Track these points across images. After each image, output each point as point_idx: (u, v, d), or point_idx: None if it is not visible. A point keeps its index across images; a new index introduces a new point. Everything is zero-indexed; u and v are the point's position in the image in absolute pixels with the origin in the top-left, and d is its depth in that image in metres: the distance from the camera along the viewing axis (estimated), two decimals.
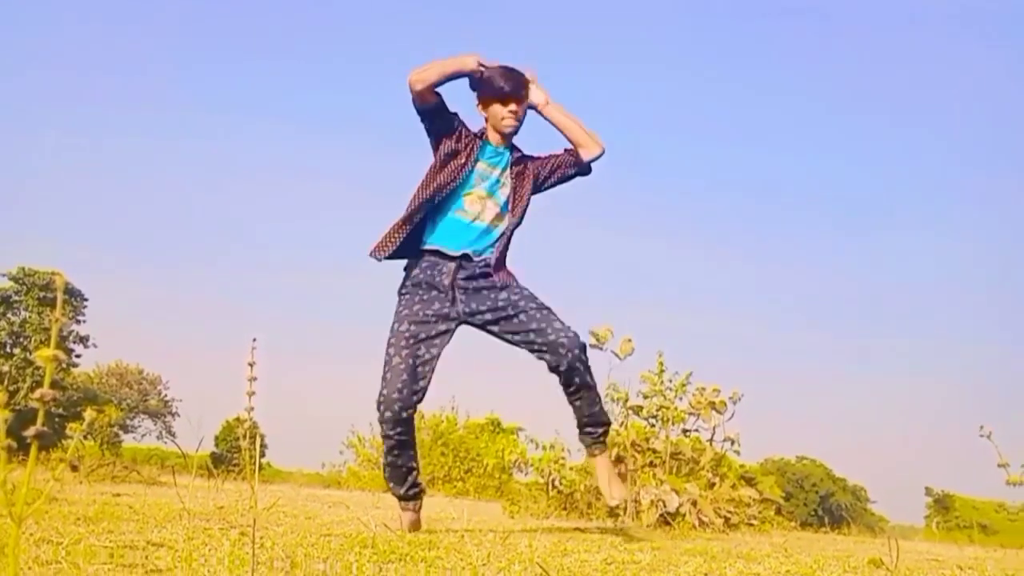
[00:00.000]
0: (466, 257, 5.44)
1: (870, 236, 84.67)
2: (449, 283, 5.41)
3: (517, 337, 5.40)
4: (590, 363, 5.52)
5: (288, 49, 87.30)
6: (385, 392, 5.24)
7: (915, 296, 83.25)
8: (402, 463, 5.44)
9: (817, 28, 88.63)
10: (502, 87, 5.50)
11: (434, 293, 5.42)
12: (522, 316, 5.39)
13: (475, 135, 5.62)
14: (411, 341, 5.34)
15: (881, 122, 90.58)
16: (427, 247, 5.48)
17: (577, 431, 5.74)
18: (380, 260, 5.50)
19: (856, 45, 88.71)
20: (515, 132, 5.63)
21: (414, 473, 5.52)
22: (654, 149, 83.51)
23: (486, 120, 5.63)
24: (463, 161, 5.53)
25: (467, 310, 5.42)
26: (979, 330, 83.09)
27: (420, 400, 5.36)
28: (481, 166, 5.57)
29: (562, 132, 5.71)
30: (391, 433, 5.30)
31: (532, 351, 5.40)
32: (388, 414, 5.23)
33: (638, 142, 79.75)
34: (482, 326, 5.48)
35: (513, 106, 5.52)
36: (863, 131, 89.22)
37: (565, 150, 5.75)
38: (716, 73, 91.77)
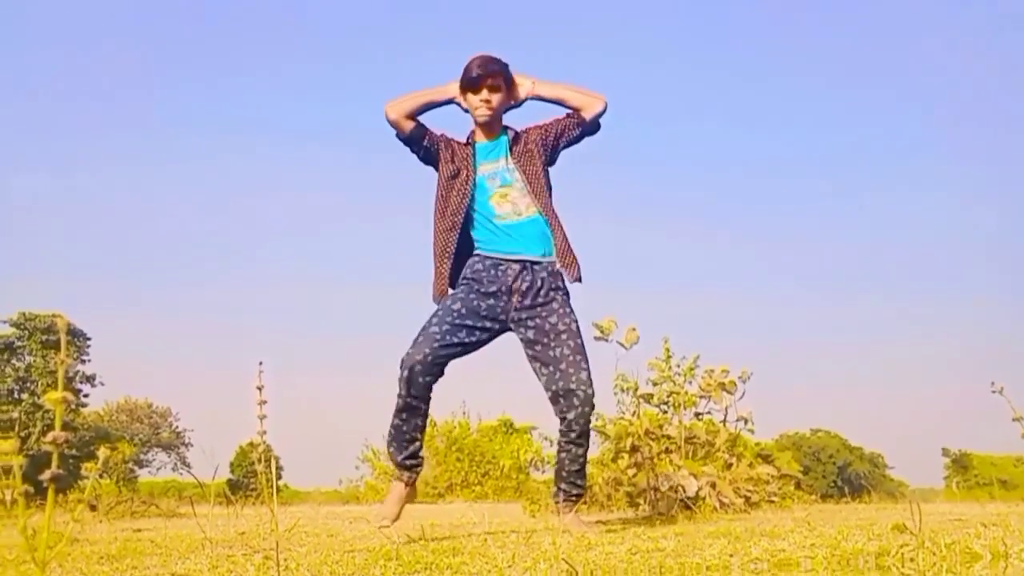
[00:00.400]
0: (531, 261, 5.50)
1: (870, 199, 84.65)
2: (510, 286, 5.47)
3: (545, 369, 5.48)
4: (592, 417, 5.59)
5: (270, 62, 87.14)
6: (411, 351, 5.31)
7: (917, 257, 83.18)
8: (407, 428, 5.47)
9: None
10: (473, 74, 5.53)
11: (492, 289, 5.46)
12: (558, 350, 5.45)
13: (465, 143, 5.66)
14: (456, 320, 5.39)
15: (874, 83, 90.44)
16: (486, 253, 5.55)
17: (553, 487, 5.77)
18: (454, 290, 5.58)
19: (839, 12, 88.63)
20: (493, 120, 5.64)
21: (416, 444, 5.55)
22: (648, 130, 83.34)
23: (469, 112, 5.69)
24: (465, 176, 5.58)
25: (517, 318, 5.48)
26: (984, 287, 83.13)
27: (440, 373, 5.41)
28: (484, 168, 5.60)
29: (561, 104, 5.75)
30: (404, 392, 5.35)
31: (549, 389, 5.46)
32: (406, 372, 5.30)
33: (632, 126, 79.72)
34: (521, 341, 5.52)
35: (485, 93, 5.54)
36: (857, 93, 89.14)
37: (566, 113, 5.77)
38: (703, 51, 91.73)
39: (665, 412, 8.89)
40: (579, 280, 5.59)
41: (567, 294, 5.57)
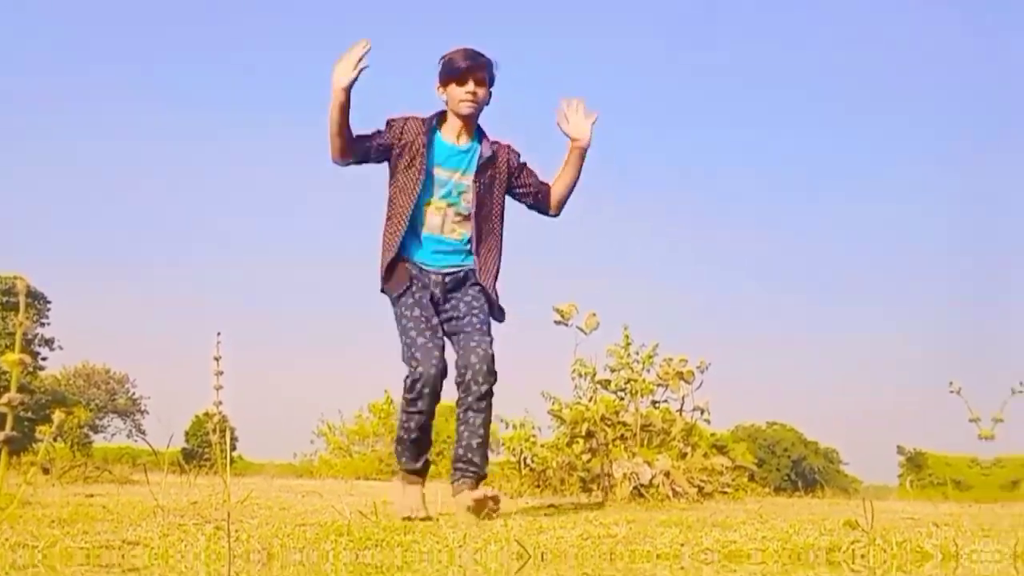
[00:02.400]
0: (450, 273, 5.54)
1: (831, 197, 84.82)
2: (440, 293, 5.50)
3: (454, 337, 5.51)
4: (493, 401, 5.47)
5: (244, 38, 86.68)
6: (422, 370, 5.25)
7: (878, 255, 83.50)
8: (423, 440, 5.50)
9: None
10: (459, 65, 5.40)
11: (427, 291, 5.49)
12: (465, 319, 5.50)
13: (423, 131, 5.50)
14: (426, 323, 5.38)
15: (836, 87, 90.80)
16: (412, 260, 5.53)
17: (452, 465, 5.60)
18: (385, 290, 5.55)
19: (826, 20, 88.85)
20: (475, 115, 5.53)
21: (430, 449, 5.60)
22: (610, 118, 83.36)
23: (446, 104, 5.54)
24: (414, 170, 5.47)
25: (440, 308, 5.51)
26: (944, 287, 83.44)
27: (445, 376, 5.39)
28: (439, 171, 5.50)
29: (560, 183, 5.73)
30: (425, 409, 5.33)
31: (456, 353, 5.46)
32: (427, 390, 5.27)
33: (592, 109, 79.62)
34: (440, 321, 5.51)
35: (471, 85, 5.41)
36: (819, 96, 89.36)
37: (537, 187, 5.74)
38: (671, 40, 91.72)
39: (622, 399, 8.90)
40: (499, 319, 5.66)
41: (482, 288, 5.57)
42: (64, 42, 79.49)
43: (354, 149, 5.45)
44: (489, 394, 5.39)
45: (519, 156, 5.71)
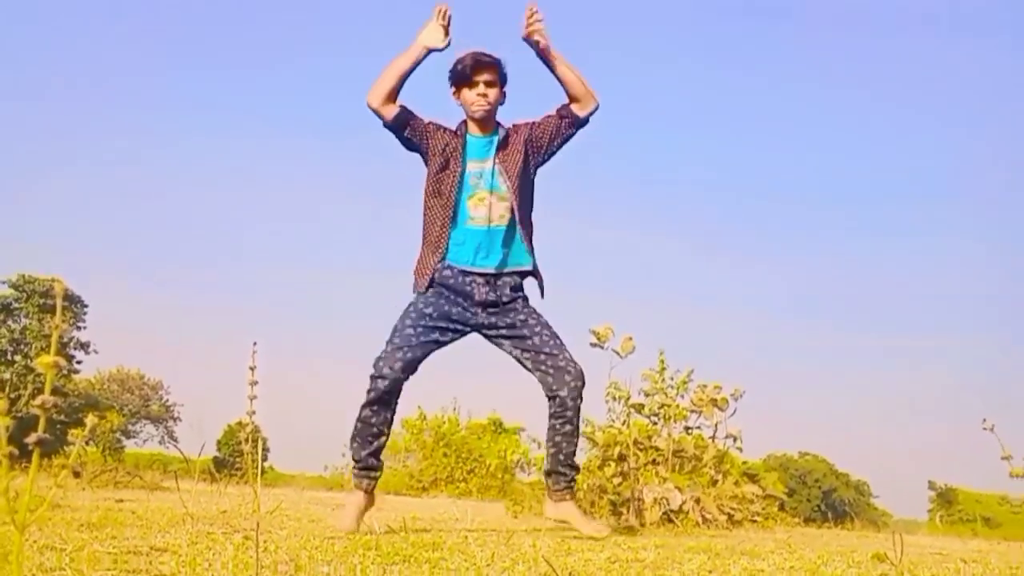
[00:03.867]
0: (494, 275, 5.52)
1: (871, 230, 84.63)
2: (475, 299, 5.50)
3: (527, 354, 5.51)
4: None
5: (284, 48, 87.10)
6: (387, 351, 5.38)
7: (916, 290, 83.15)
8: (376, 421, 5.49)
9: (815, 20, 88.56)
10: (467, 69, 5.51)
11: (460, 299, 5.50)
12: (535, 339, 5.52)
13: (455, 132, 5.62)
14: (428, 323, 5.44)
15: (879, 116, 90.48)
16: (454, 265, 5.54)
17: (545, 476, 5.74)
18: (424, 292, 5.55)
19: (854, 38, 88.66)
20: (489, 115, 5.61)
21: (382, 440, 5.55)
22: (650, 143, 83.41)
23: (462, 108, 5.65)
24: (453, 168, 5.54)
25: (486, 323, 5.53)
26: (981, 323, 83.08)
27: (414, 371, 5.45)
28: (472, 165, 5.57)
29: (562, 83, 5.67)
30: (379, 388, 5.38)
31: (537, 370, 5.47)
32: (386, 370, 5.35)
33: (634, 136, 79.74)
34: (494, 340, 5.54)
35: (481, 88, 5.52)
36: (862, 126, 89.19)
37: (557, 111, 5.72)
38: (714, 65, 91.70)
39: (655, 424, 8.88)
40: (542, 295, 5.71)
41: (527, 299, 5.64)
42: (99, 47, 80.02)
43: (397, 103, 5.53)
44: (579, 411, 5.56)
45: (527, 124, 5.76)
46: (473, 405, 31.11)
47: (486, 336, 5.56)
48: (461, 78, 5.53)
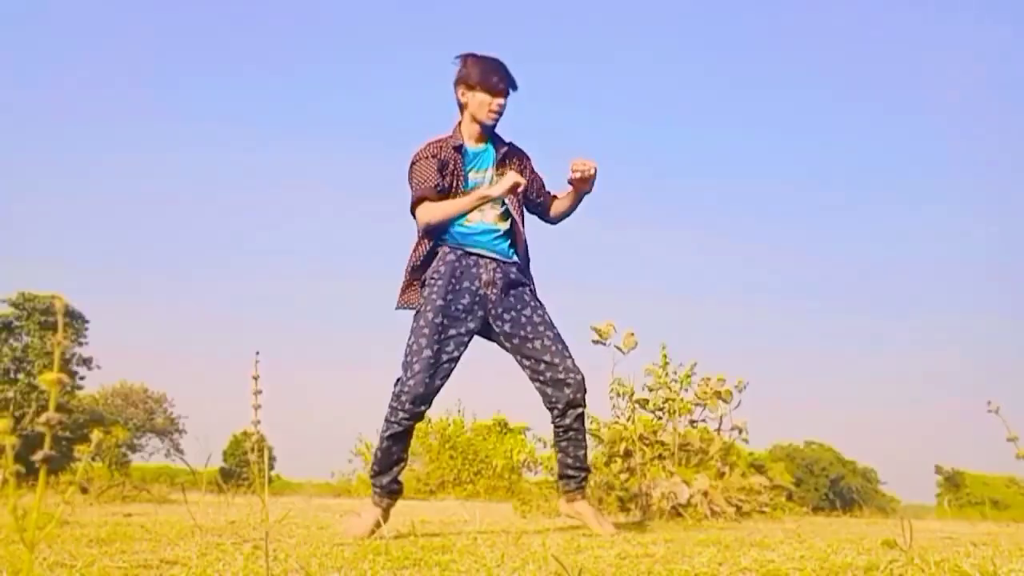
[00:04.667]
0: (501, 260, 5.51)
1: (872, 212, 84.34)
2: (488, 279, 5.45)
3: (527, 361, 5.49)
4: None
5: (274, 54, 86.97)
6: (412, 383, 5.24)
7: (917, 272, 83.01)
8: (396, 451, 5.43)
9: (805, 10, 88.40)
10: (498, 83, 5.47)
11: (465, 285, 5.43)
12: (538, 343, 5.47)
13: (454, 148, 5.57)
14: (440, 334, 5.33)
15: (876, 94, 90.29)
16: (454, 245, 5.50)
17: (558, 478, 5.76)
18: (424, 297, 5.47)
19: (843, 22, 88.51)
20: (495, 126, 5.60)
21: (402, 465, 5.51)
22: (646, 137, 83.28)
23: (463, 107, 5.60)
24: (455, 188, 5.50)
25: (493, 312, 5.46)
26: (983, 304, 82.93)
27: (435, 396, 5.36)
28: (472, 175, 5.56)
29: (562, 210, 5.82)
30: (402, 420, 5.30)
31: (536, 380, 5.47)
32: (409, 405, 5.25)
33: (630, 130, 79.65)
34: (496, 335, 5.51)
35: (501, 100, 5.50)
36: (857, 104, 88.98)
37: (540, 191, 5.83)
38: (704, 59, 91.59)
39: (660, 418, 8.89)
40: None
41: (535, 291, 5.63)
42: (100, 56, 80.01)
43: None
44: (583, 416, 5.59)
45: (528, 158, 5.81)
46: (477, 406, 31.07)
47: (490, 322, 5.49)
48: (486, 84, 5.49)
